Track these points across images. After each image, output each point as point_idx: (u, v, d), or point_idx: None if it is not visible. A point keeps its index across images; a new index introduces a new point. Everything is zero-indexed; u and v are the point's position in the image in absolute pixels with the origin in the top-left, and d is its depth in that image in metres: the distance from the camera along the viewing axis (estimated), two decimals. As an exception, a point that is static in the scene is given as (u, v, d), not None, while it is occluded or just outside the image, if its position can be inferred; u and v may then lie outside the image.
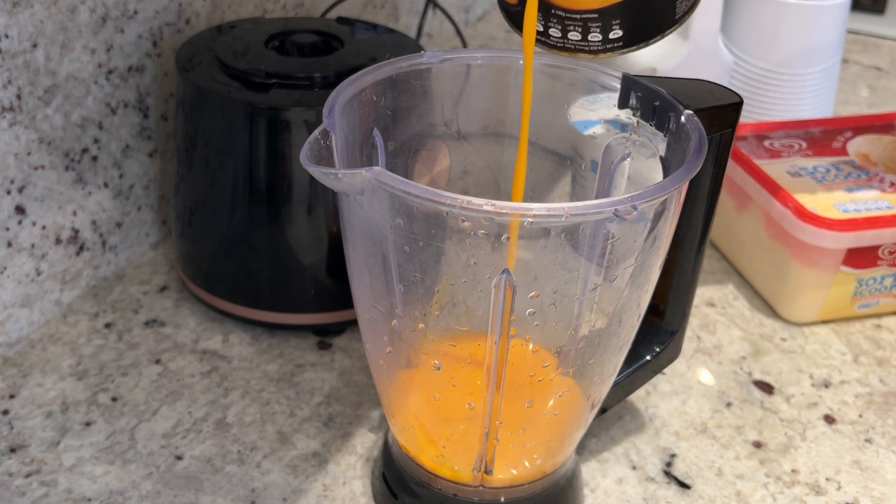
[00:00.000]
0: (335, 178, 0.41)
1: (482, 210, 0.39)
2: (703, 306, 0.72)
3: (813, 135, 0.79)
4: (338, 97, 0.46)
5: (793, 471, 0.59)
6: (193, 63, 0.64)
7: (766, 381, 0.66)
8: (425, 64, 0.52)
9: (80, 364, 0.63)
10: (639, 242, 0.44)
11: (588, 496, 0.56)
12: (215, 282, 0.66)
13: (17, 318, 0.64)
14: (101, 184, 0.68)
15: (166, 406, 0.60)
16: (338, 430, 0.59)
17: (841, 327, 0.71)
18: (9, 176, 0.60)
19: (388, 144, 0.52)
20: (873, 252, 0.68)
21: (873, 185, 0.72)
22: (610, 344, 0.48)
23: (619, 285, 0.46)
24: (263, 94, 0.61)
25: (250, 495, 0.55)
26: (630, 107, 0.51)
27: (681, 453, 0.59)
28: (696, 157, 0.44)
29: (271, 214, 0.63)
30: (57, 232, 0.65)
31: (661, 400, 0.63)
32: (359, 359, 0.65)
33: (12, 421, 0.58)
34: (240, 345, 0.66)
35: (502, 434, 0.49)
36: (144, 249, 0.74)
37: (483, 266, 0.43)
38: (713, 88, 0.50)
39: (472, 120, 0.56)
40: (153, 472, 0.56)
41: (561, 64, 0.53)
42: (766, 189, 0.71)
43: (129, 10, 0.66)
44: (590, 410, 0.51)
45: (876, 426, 0.62)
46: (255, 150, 0.62)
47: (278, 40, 0.67)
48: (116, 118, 0.68)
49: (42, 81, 0.61)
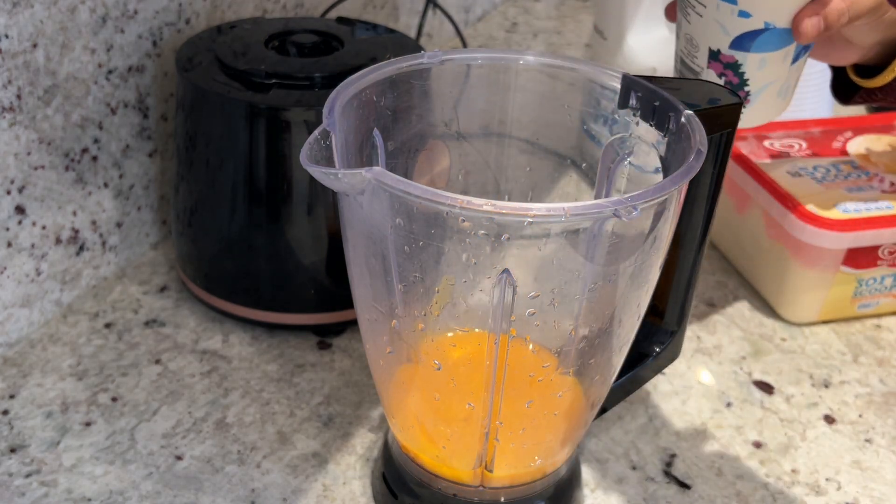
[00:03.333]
0: (335, 178, 0.41)
1: (482, 210, 0.39)
2: (703, 306, 0.72)
3: (813, 135, 0.79)
4: (338, 97, 0.46)
5: (793, 471, 0.59)
6: (193, 63, 0.64)
7: (766, 381, 0.66)
8: (425, 64, 0.52)
9: (80, 364, 0.63)
10: (639, 242, 0.44)
11: (588, 496, 0.56)
12: (215, 282, 0.66)
13: (17, 318, 0.64)
14: (101, 184, 0.68)
15: (166, 406, 0.60)
16: (338, 430, 0.59)
17: (841, 327, 0.71)
18: (9, 176, 0.60)
19: (388, 144, 0.52)
20: (873, 252, 0.68)
21: (873, 185, 0.72)
22: (610, 344, 0.48)
23: (619, 285, 0.46)
24: (263, 94, 0.61)
25: (250, 495, 0.55)
26: (630, 107, 0.51)
27: (681, 453, 0.59)
28: (696, 157, 0.44)
29: (271, 214, 0.63)
30: (57, 232, 0.65)
31: (661, 400, 0.63)
32: (359, 359, 0.65)
33: (12, 421, 0.58)
34: (240, 345, 0.66)
35: (502, 434, 0.49)
36: (144, 249, 0.74)
37: (483, 266, 0.43)
38: (713, 88, 0.50)
39: (472, 120, 0.56)
40: (153, 472, 0.56)
41: (561, 64, 0.53)
42: (766, 189, 0.71)
43: (129, 10, 0.66)
44: (590, 410, 0.51)
45: (876, 426, 0.62)
46: (255, 150, 0.62)
47: (278, 40, 0.67)
48: (116, 118, 0.68)
49: (42, 81, 0.61)
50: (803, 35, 0.55)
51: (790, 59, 0.58)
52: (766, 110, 0.61)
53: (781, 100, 0.61)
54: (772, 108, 0.61)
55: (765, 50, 0.56)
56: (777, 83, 0.59)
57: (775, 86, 0.59)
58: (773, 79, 0.59)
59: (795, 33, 0.55)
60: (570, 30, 1.25)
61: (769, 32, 0.56)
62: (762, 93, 0.59)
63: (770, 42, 0.56)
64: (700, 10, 0.57)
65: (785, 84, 0.60)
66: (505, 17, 1.28)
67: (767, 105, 0.60)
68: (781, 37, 0.56)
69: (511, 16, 1.28)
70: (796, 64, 0.59)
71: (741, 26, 0.56)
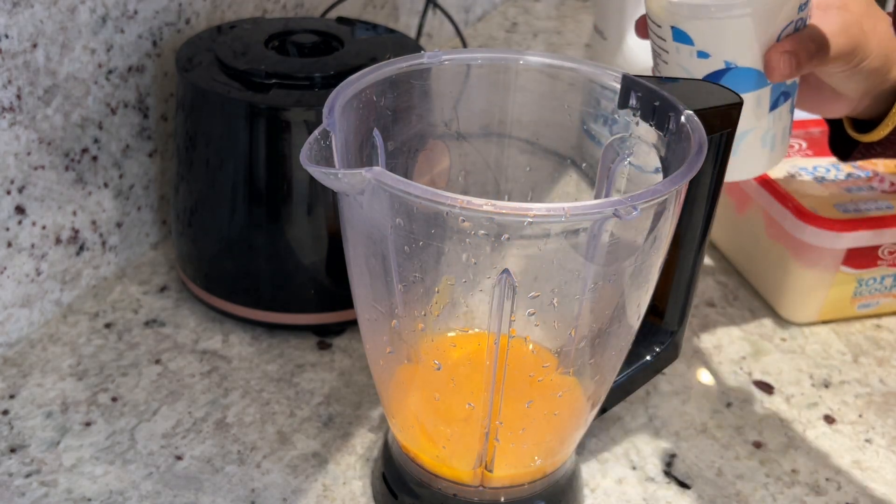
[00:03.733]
0: (335, 178, 0.41)
1: (482, 210, 0.39)
2: (703, 306, 0.72)
3: (813, 135, 0.79)
4: (338, 97, 0.46)
5: (793, 471, 0.59)
6: (193, 63, 0.64)
7: (766, 381, 0.66)
8: (425, 64, 0.52)
9: (80, 364, 0.63)
10: (639, 242, 0.44)
11: (588, 496, 0.56)
12: (215, 282, 0.66)
13: (17, 318, 0.64)
14: (101, 184, 0.68)
15: (166, 406, 0.60)
16: (338, 430, 0.59)
17: (841, 327, 0.71)
18: (9, 176, 0.60)
19: (388, 144, 0.52)
20: (873, 252, 0.68)
21: (873, 185, 0.72)
22: (610, 344, 0.48)
23: (619, 285, 0.46)
24: (263, 94, 0.61)
25: (250, 495, 0.55)
26: (630, 107, 0.51)
27: (681, 453, 0.59)
28: (696, 157, 0.44)
29: (271, 214, 0.63)
30: (57, 232, 0.65)
31: (661, 400, 0.63)
32: (359, 359, 0.65)
33: (12, 421, 0.58)
34: (240, 345, 0.66)
35: (502, 434, 0.49)
36: (144, 249, 0.74)
37: (483, 266, 0.43)
38: (713, 88, 0.50)
39: (472, 120, 0.56)
40: (153, 472, 0.56)
41: (561, 64, 0.53)
42: (766, 189, 0.71)
43: (129, 10, 0.66)
44: (590, 410, 0.51)
45: (876, 426, 0.62)
46: (255, 150, 0.62)
47: (278, 40, 0.67)
48: (116, 118, 0.68)
49: (42, 81, 0.61)
50: (775, 70, 0.54)
51: (766, 103, 0.56)
52: (752, 161, 0.59)
53: (769, 150, 0.59)
54: (758, 158, 0.59)
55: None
56: (757, 131, 0.57)
57: (756, 134, 0.57)
58: (751, 126, 0.57)
59: (767, 70, 0.54)
60: (570, 30, 1.25)
61: (732, 72, 0.55)
62: (743, 141, 0.57)
63: (736, 83, 0.54)
64: (665, 58, 0.56)
65: (768, 132, 0.58)
66: (505, 17, 1.28)
67: (753, 156, 0.58)
68: (748, 78, 0.55)
69: (511, 16, 1.28)
70: (777, 111, 0.57)
71: (702, 68, 0.55)
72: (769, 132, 0.58)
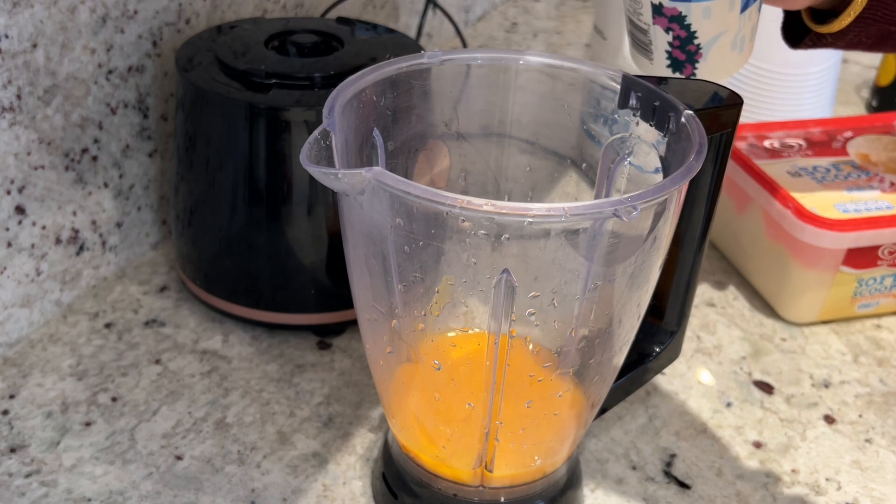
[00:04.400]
0: (335, 178, 0.41)
1: (482, 210, 0.39)
2: (703, 306, 0.72)
3: (813, 135, 0.79)
4: (338, 97, 0.46)
5: (793, 471, 0.59)
6: (193, 63, 0.64)
7: (766, 381, 0.66)
8: (425, 64, 0.52)
9: (80, 364, 0.63)
10: (639, 242, 0.44)
11: (588, 496, 0.56)
12: (215, 282, 0.66)
13: (17, 318, 0.64)
14: (101, 184, 0.68)
15: (166, 406, 0.60)
16: (338, 430, 0.59)
17: (841, 327, 0.71)
18: (9, 176, 0.60)
19: (388, 144, 0.52)
20: (873, 252, 0.68)
21: (873, 185, 0.72)
22: (610, 344, 0.48)
23: (619, 285, 0.46)
24: (263, 94, 0.61)
25: (250, 495, 0.55)
26: (630, 107, 0.51)
27: (681, 453, 0.59)
28: (696, 157, 0.44)
29: (271, 214, 0.63)
30: (57, 232, 0.65)
31: (661, 400, 0.63)
32: (359, 359, 0.65)
33: (12, 421, 0.58)
34: (240, 345, 0.66)
35: (502, 434, 0.49)
36: (144, 249, 0.74)
37: (483, 266, 0.43)
38: (713, 88, 0.50)
39: (472, 120, 0.56)
40: (153, 473, 0.56)
41: (561, 64, 0.53)
42: (766, 189, 0.71)
43: (129, 10, 0.66)
44: (590, 410, 0.51)
45: (876, 426, 0.62)
46: (255, 150, 0.62)
47: (278, 40, 0.67)
48: (116, 118, 0.68)
49: (42, 81, 0.61)
50: None
51: (738, 6, 0.56)
52: (722, 64, 0.58)
53: (738, 53, 0.58)
54: (728, 61, 0.58)
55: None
56: (728, 34, 0.57)
57: (727, 37, 0.57)
58: (723, 29, 0.56)
59: None
60: (570, 30, 1.25)
61: None
62: (714, 45, 0.57)
63: None
64: None
65: (738, 35, 0.57)
66: (505, 17, 1.28)
67: (723, 59, 0.58)
68: None
69: (511, 16, 1.28)
70: (747, 12, 0.57)
71: None
72: (739, 34, 0.57)
